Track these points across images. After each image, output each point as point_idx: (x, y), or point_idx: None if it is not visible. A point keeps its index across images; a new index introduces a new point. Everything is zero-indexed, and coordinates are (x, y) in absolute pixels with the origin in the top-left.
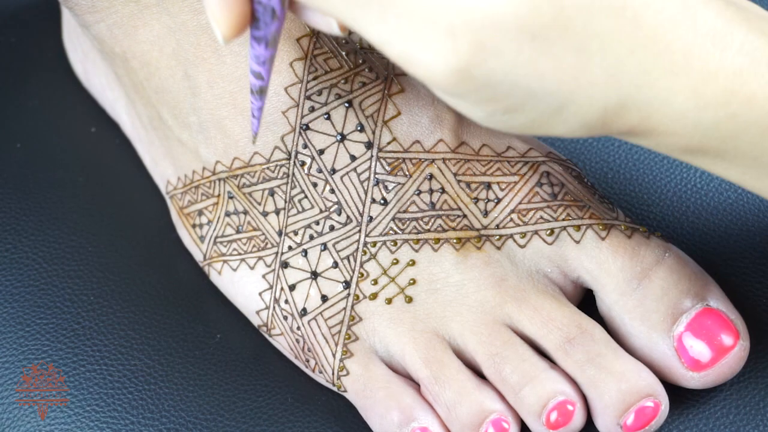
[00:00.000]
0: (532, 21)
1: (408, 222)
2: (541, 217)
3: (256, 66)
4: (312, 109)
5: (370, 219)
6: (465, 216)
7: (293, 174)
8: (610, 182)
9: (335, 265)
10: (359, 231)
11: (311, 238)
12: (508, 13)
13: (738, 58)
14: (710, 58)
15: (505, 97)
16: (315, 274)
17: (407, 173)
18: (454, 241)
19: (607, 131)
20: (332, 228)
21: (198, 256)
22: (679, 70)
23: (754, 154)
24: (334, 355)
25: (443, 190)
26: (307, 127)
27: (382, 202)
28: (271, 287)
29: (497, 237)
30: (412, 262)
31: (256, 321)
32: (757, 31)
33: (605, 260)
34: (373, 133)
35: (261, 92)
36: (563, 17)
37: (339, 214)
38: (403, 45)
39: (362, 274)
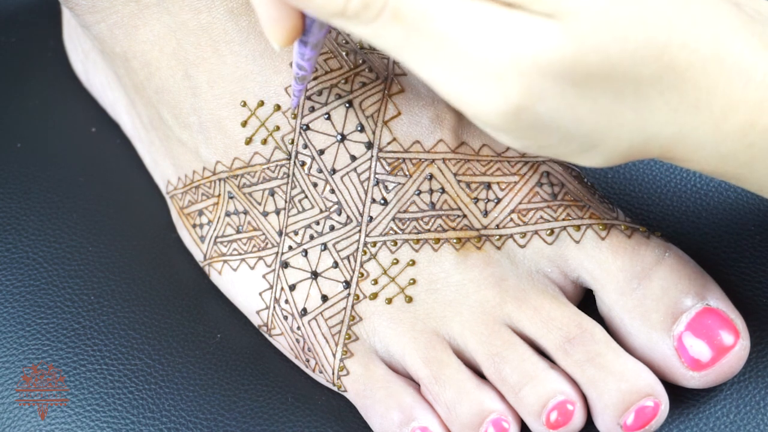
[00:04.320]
0: (577, 68)
1: (408, 222)
2: (541, 217)
3: (300, 60)
4: (312, 109)
5: (370, 219)
6: (465, 216)
7: (293, 174)
8: (610, 182)
9: (335, 265)
10: (359, 231)
11: (311, 238)
12: (556, 61)
13: (760, 90)
14: (733, 92)
15: (544, 137)
16: (315, 274)
17: (407, 173)
18: (454, 241)
19: (628, 160)
20: (332, 228)
21: (198, 256)
22: (703, 106)
23: None
24: (334, 355)
25: (443, 190)
26: (308, 127)
27: (382, 202)
28: (271, 287)
29: (497, 237)
30: (412, 262)
31: (256, 321)
32: None
33: (605, 260)
34: (373, 133)
35: (302, 80)
36: (607, 65)
37: (339, 214)
38: (453, 86)
39: (362, 274)
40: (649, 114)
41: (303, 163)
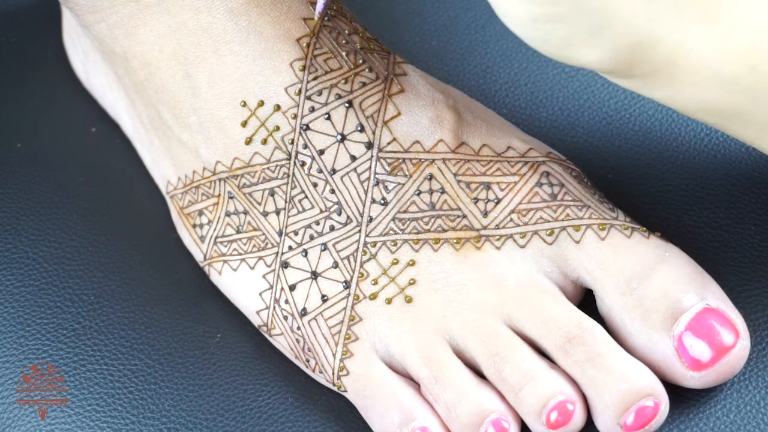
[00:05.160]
0: None
1: (408, 222)
2: (541, 217)
3: None
4: (312, 110)
5: (370, 219)
6: (465, 216)
7: (293, 174)
8: (610, 182)
9: (335, 265)
10: (359, 231)
11: (311, 238)
12: None
13: (764, 16)
14: (739, 13)
15: (555, 1)
16: (315, 274)
17: (407, 173)
18: (454, 241)
19: (633, 69)
20: (332, 228)
21: (198, 256)
22: (710, 21)
23: None
24: (334, 355)
25: (443, 191)
26: (308, 128)
27: (382, 202)
28: (271, 287)
29: (497, 237)
30: (412, 262)
31: (256, 321)
32: None
33: (605, 260)
34: (373, 133)
35: None
36: None
37: (339, 214)
38: None
39: (362, 274)
40: (660, 12)
41: (303, 163)
